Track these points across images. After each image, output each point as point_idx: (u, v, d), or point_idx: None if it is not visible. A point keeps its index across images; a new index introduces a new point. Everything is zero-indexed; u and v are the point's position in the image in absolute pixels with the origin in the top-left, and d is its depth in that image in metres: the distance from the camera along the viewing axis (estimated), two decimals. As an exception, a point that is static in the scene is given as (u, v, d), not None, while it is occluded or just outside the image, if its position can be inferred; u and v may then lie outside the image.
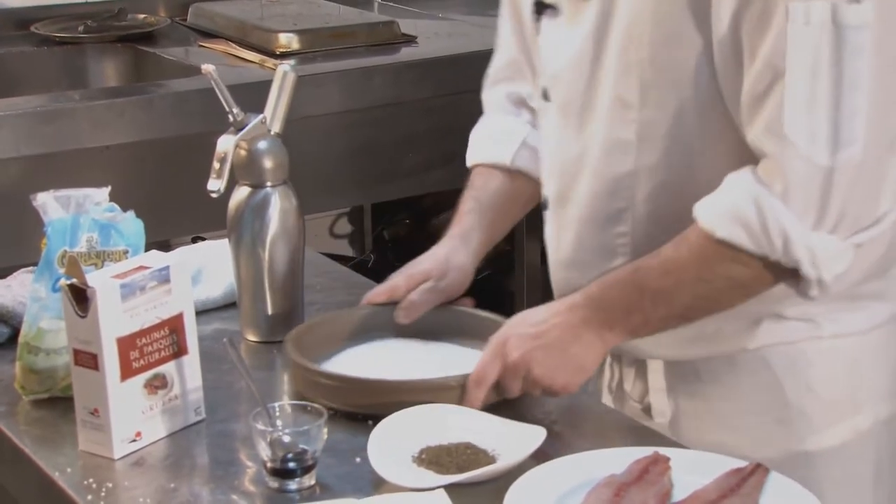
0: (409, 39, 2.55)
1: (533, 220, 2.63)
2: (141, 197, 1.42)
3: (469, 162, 1.57)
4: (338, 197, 2.50)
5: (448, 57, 2.48)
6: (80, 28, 2.58)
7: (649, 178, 1.28)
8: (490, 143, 1.54)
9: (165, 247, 1.54)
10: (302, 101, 1.43)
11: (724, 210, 1.20)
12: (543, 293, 2.72)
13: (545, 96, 1.37)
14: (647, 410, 1.38)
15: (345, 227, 3.02)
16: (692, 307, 1.24)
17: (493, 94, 1.57)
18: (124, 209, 1.35)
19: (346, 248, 2.99)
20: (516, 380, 1.25)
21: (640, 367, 1.39)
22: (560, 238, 1.38)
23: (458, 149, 2.60)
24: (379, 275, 1.74)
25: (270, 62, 2.37)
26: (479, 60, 2.58)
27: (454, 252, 1.45)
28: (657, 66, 1.24)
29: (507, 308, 1.45)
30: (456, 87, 2.49)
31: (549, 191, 1.39)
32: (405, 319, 1.40)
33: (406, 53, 2.51)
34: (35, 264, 1.34)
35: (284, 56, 2.42)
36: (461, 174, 2.61)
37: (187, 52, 2.53)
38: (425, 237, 3.04)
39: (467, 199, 1.51)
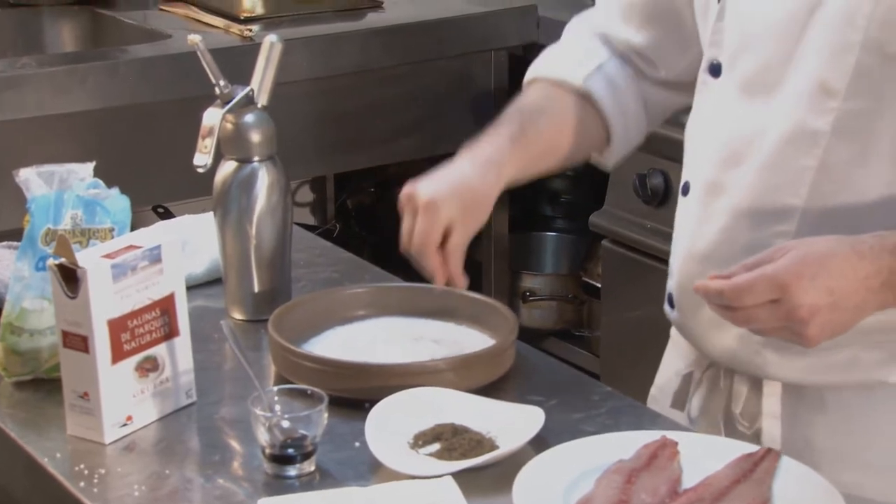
0: (376, 5, 2.51)
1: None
2: (103, 165, 1.37)
3: (528, 76, 1.40)
4: (303, 166, 2.46)
5: (415, 23, 2.45)
6: (36, -11, 2.51)
7: (835, 176, 1.17)
8: (558, 59, 1.38)
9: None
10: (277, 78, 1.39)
11: None
12: (510, 263, 2.73)
13: (714, 71, 1.24)
14: (757, 436, 1.26)
15: (307, 195, 2.98)
16: None
17: (574, 27, 1.42)
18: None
19: (307, 217, 2.96)
20: (773, 316, 1.08)
21: (755, 386, 1.26)
22: (701, 229, 1.25)
23: (425, 117, 2.58)
24: (345, 245, 1.71)
25: (235, 27, 2.32)
26: (446, 27, 2.57)
27: (481, 181, 1.29)
28: (879, 52, 1.12)
29: (474, 277, 1.39)
30: (423, 55, 2.46)
31: (695, 176, 1.27)
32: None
33: (372, 19, 2.47)
34: (5, 234, 1.30)
35: (249, 21, 2.36)
36: (429, 143, 2.61)
37: (146, 16, 2.47)
38: (390, 206, 3.02)
39: (511, 110, 1.33)
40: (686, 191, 1.28)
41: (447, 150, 2.63)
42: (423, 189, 1.28)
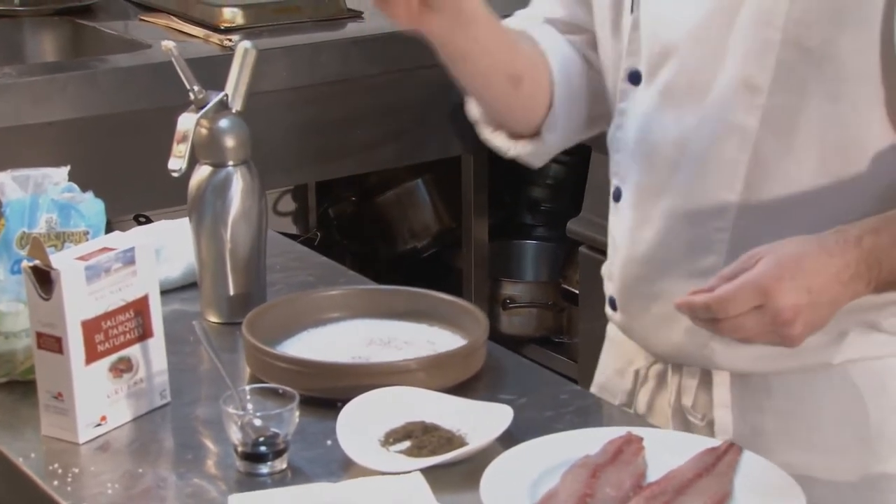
0: (355, 15, 2.53)
1: (479, 198, 2.65)
2: (83, 174, 1.39)
3: None
4: (283, 174, 2.48)
5: (395, 33, 2.45)
6: (17, 0, 2.52)
7: (767, 168, 1.19)
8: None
9: (107, 226, 1.51)
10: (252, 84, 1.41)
11: None
12: (490, 270, 2.75)
13: (633, 79, 1.26)
14: (710, 427, 1.28)
15: (289, 204, 3.00)
16: None
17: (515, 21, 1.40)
18: (66, 185, 1.32)
19: (289, 226, 2.97)
20: (759, 322, 1.08)
21: (704, 378, 1.28)
22: (639, 232, 1.27)
23: (404, 126, 2.60)
24: (326, 254, 1.73)
25: (215, 37, 2.34)
26: (426, 37, 2.59)
27: None
28: (798, 48, 1.15)
29: (454, 285, 1.40)
30: (403, 64, 2.48)
31: (627, 181, 1.29)
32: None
33: (352, 29, 2.49)
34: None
35: (229, 31, 2.38)
36: (408, 151, 2.63)
37: (127, 27, 2.49)
38: (371, 215, 3.05)
39: None
40: (618, 197, 1.30)
41: (427, 158, 2.67)
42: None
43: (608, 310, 1.36)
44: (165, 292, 1.48)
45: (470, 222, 2.63)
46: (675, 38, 1.22)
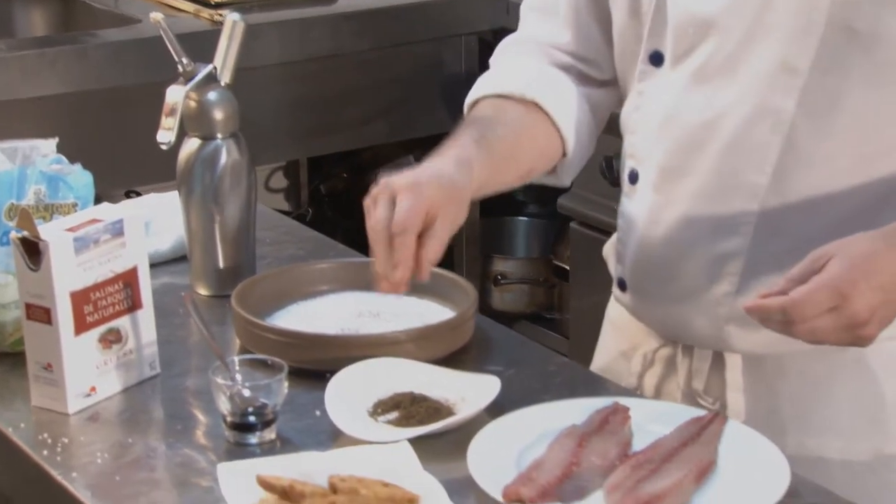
0: (347, -11, 2.52)
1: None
2: (73, 149, 1.39)
3: (468, 101, 1.34)
4: (274, 151, 2.48)
5: (386, 8, 2.46)
6: (7, -25, 2.51)
7: (799, 152, 1.17)
8: (497, 77, 1.33)
9: (97, 201, 1.51)
10: (241, 56, 1.40)
11: None
12: (481, 247, 2.75)
13: (655, 60, 1.24)
14: (723, 410, 1.26)
15: (280, 181, 2.99)
16: None
17: (500, 52, 1.37)
18: (57, 161, 1.32)
19: (281, 203, 2.97)
20: (835, 324, 1.06)
21: (717, 361, 1.27)
22: (660, 213, 1.25)
23: (396, 102, 2.60)
24: (318, 230, 1.73)
25: (206, 12, 2.33)
26: (417, 12, 2.59)
27: (458, 174, 1.19)
28: (845, 30, 1.12)
29: (446, 261, 1.39)
30: (394, 40, 2.48)
31: (646, 163, 1.26)
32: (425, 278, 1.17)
33: (343, 4, 2.49)
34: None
35: (219, 6, 2.38)
36: (400, 127, 2.62)
37: (117, 2, 2.48)
38: (363, 192, 3.04)
39: (465, 122, 1.27)
40: (634, 179, 1.28)
41: (418, 134, 2.67)
42: (402, 176, 1.16)
43: (616, 291, 1.35)
44: (155, 265, 1.48)
45: (460, 198, 2.63)
46: (706, 17, 1.19)
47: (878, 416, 1.23)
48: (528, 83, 1.30)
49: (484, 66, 2.78)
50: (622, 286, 1.33)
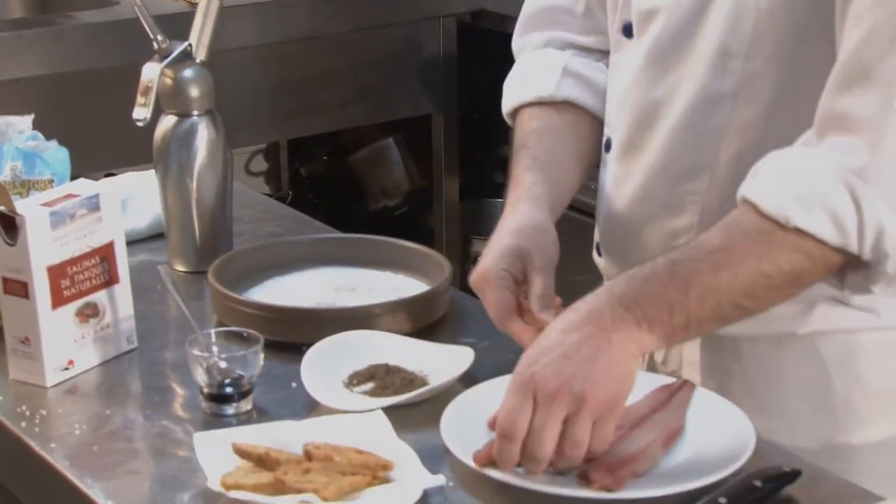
0: (325, -28, 2.53)
1: (450, 157, 2.67)
2: (50, 130, 1.39)
3: (506, 109, 1.39)
4: (254, 133, 2.49)
5: (364, -9, 2.47)
6: (-16, -42, 2.51)
7: (740, 136, 1.19)
8: (525, 80, 1.37)
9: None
10: (216, 34, 1.41)
11: (807, 195, 1.06)
12: (461, 229, 2.77)
13: (626, 32, 1.27)
14: None
15: (261, 164, 3.01)
16: (741, 306, 1.09)
17: (524, 41, 1.41)
18: (37, 142, 1.33)
19: (262, 186, 2.98)
20: (555, 423, 1.03)
21: None
22: (620, 188, 1.28)
23: (375, 84, 2.61)
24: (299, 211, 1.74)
25: (184, -6, 2.34)
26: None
27: (533, 216, 1.25)
28: (775, 17, 1.15)
29: (426, 243, 1.41)
30: (374, 21, 2.49)
31: (614, 133, 1.29)
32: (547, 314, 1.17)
33: (323, -14, 2.50)
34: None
35: (198, -12, 2.38)
36: (379, 109, 2.64)
37: (94, -17, 2.48)
38: (343, 174, 3.06)
39: (520, 157, 1.32)
40: (608, 147, 1.31)
41: (397, 116, 2.68)
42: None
43: (595, 255, 1.38)
44: (132, 243, 1.50)
45: (441, 181, 2.65)
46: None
47: (825, 405, 1.24)
48: (557, 83, 1.34)
49: (462, 48, 2.78)
50: (598, 250, 1.37)
